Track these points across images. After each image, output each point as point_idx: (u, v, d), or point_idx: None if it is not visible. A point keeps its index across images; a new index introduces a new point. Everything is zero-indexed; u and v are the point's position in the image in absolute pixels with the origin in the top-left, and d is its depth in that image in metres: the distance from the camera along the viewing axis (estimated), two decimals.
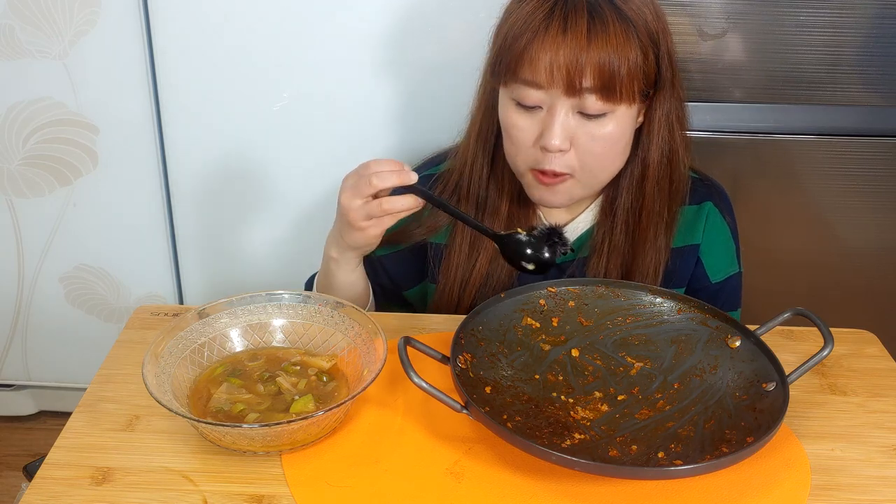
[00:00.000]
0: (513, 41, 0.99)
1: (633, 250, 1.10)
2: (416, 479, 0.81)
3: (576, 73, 0.95)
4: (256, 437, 0.81)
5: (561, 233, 1.10)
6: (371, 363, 0.87)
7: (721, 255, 1.16)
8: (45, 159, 1.56)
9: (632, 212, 1.09)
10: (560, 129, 0.98)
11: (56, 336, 1.76)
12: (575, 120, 0.99)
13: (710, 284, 1.15)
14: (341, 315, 0.94)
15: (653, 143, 1.06)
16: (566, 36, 0.95)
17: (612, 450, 0.82)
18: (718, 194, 1.16)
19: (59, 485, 0.80)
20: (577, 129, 0.99)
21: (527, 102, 1.00)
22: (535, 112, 1.00)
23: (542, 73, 0.97)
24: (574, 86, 0.96)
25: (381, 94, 1.48)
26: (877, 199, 1.55)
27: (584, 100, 0.97)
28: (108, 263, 1.67)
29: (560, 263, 1.13)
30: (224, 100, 1.49)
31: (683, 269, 1.14)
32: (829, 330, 0.89)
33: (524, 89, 0.99)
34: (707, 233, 1.14)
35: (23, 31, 1.45)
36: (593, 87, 0.96)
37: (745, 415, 0.85)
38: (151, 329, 1.03)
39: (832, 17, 1.41)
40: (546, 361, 0.94)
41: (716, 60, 1.45)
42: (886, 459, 0.86)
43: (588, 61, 0.95)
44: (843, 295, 1.63)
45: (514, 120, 1.02)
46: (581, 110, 0.99)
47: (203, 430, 0.83)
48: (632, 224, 1.09)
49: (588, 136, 1.00)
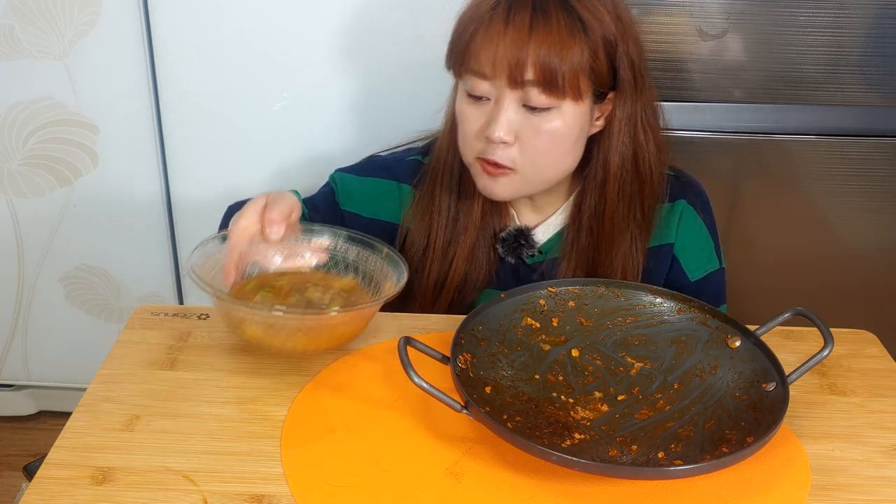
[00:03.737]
0: (462, 32, 1.01)
1: (597, 254, 1.10)
2: (416, 479, 0.81)
3: (517, 65, 0.96)
4: (302, 326, 0.86)
5: (528, 235, 1.11)
6: (391, 287, 0.93)
7: (698, 253, 1.15)
8: (45, 159, 1.56)
9: (595, 215, 1.09)
10: (504, 120, 0.99)
11: (56, 336, 1.76)
12: (521, 114, 1.00)
13: (689, 283, 1.15)
14: (365, 249, 0.99)
15: (612, 146, 1.06)
16: (507, 28, 0.96)
17: (612, 450, 0.82)
18: (693, 191, 1.16)
19: (59, 485, 0.80)
20: (522, 122, 1.00)
21: (475, 92, 1.01)
22: (484, 103, 1.02)
23: (486, 64, 0.98)
24: (516, 78, 0.97)
25: (381, 93, 1.48)
26: (877, 199, 1.55)
27: (527, 92, 0.98)
28: (108, 263, 1.67)
29: (531, 264, 1.14)
30: (224, 100, 1.49)
31: (658, 268, 1.14)
32: (829, 330, 0.89)
33: (473, 80, 1.01)
34: (681, 231, 1.14)
35: (23, 31, 1.45)
36: (535, 81, 0.97)
37: (745, 415, 0.85)
38: (151, 329, 1.03)
39: (832, 17, 1.41)
40: (546, 361, 0.94)
41: (716, 60, 1.45)
42: (886, 459, 0.86)
43: (529, 54, 0.96)
44: (843, 295, 1.63)
45: (464, 110, 1.04)
46: (526, 103, 0.99)
47: (251, 323, 0.86)
48: (595, 228, 1.10)
49: (533, 130, 1.00)
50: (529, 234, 1.12)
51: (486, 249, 1.13)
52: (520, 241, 1.12)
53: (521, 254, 1.12)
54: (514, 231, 1.12)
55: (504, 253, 1.12)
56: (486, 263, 1.13)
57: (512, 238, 1.12)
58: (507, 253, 1.12)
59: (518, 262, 1.14)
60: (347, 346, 0.97)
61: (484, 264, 1.13)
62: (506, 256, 1.13)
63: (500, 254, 1.13)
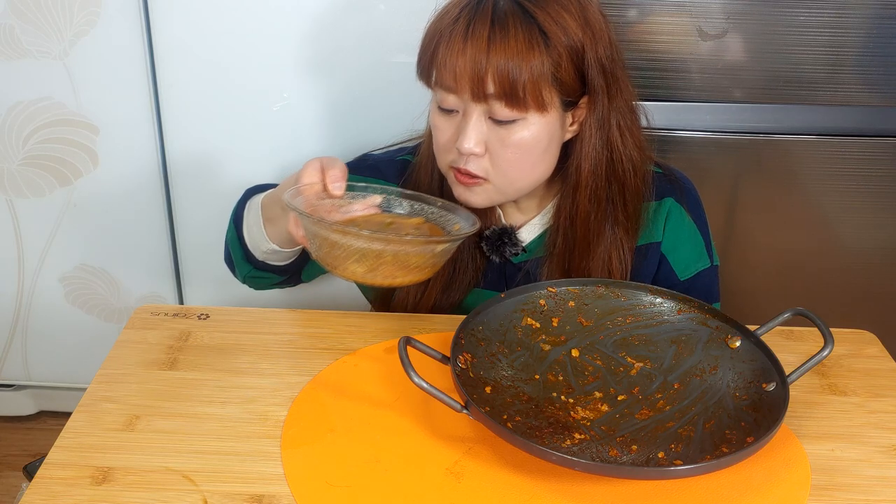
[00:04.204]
0: (426, 45, 1.01)
1: (573, 256, 1.10)
2: (416, 479, 0.81)
3: (478, 80, 0.96)
4: (386, 249, 0.85)
5: (512, 234, 1.11)
6: (461, 228, 0.94)
7: (687, 252, 1.15)
8: (45, 159, 1.56)
9: (570, 219, 1.09)
10: (472, 132, 0.99)
11: (56, 336, 1.76)
12: (488, 125, 1.00)
13: (678, 282, 1.14)
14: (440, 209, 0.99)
15: (584, 152, 1.06)
16: (467, 44, 0.96)
17: (612, 450, 0.82)
18: (681, 189, 1.15)
19: (59, 485, 0.80)
20: (490, 134, 1.00)
21: (444, 105, 1.01)
22: (454, 115, 1.02)
23: (450, 79, 0.98)
24: (478, 92, 0.97)
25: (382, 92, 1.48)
26: (877, 199, 1.55)
27: (491, 106, 0.98)
28: (108, 263, 1.67)
29: (516, 263, 1.14)
30: (224, 100, 1.49)
31: (646, 267, 1.13)
32: (829, 330, 0.89)
33: (441, 93, 1.01)
34: (669, 230, 1.13)
35: (23, 31, 1.45)
36: (496, 94, 0.96)
37: (745, 415, 0.85)
38: (151, 329, 1.03)
39: (832, 17, 1.41)
40: (546, 361, 0.94)
41: (716, 60, 1.45)
42: (886, 459, 0.86)
43: (488, 68, 0.95)
44: (843, 295, 1.63)
45: (436, 121, 1.04)
46: (491, 116, 0.99)
47: (338, 240, 0.86)
48: (570, 233, 1.09)
49: (500, 141, 1.00)
50: (513, 233, 1.12)
51: (471, 248, 1.13)
52: (503, 239, 1.12)
53: (504, 252, 1.12)
54: (499, 230, 1.12)
55: (488, 251, 1.12)
56: (472, 263, 1.13)
57: (496, 236, 1.12)
58: (491, 251, 1.12)
59: (504, 261, 1.14)
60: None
61: (469, 263, 1.13)
62: (490, 255, 1.13)
63: (484, 252, 1.13)
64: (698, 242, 1.15)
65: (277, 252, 1.08)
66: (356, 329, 1.05)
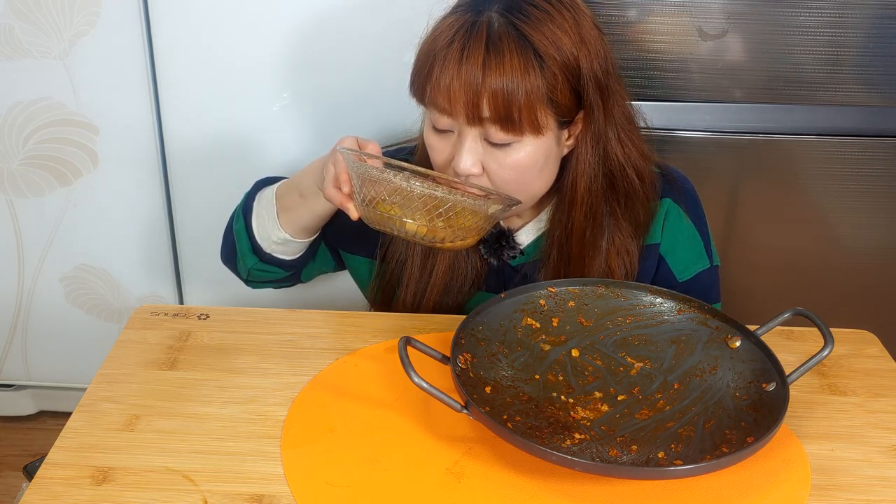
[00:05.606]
0: (420, 66, 1.00)
1: (569, 266, 1.09)
2: (416, 479, 0.81)
3: (473, 104, 0.95)
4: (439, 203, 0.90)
5: (510, 236, 1.11)
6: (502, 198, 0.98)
7: (686, 253, 1.14)
8: (45, 159, 1.56)
9: (564, 234, 1.08)
10: (468, 155, 0.99)
11: (56, 336, 1.76)
12: (484, 146, 0.99)
13: (677, 283, 1.13)
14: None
15: (580, 170, 1.05)
16: (461, 68, 0.95)
17: (612, 450, 0.82)
18: (679, 189, 1.14)
19: (59, 485, 0.80)
20: (486, 155, 0.99)
21: (439, 126, 1.00)
22: (449, 135, 1.01)
23: (444, 101, 0.97)
24: (472, 116, 0.96)
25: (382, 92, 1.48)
26: (877, 199, 1.55)
27: (486, 129, 0.97)
28: (108, 263, 1.67)
29: (514, 265, 1.13)
30: (224, 99, 1.49)
31: (644, 269, 1.13)
32: (829, 330, 0.89)
33: (435, 113, 1.00)
34: (667, 231, 1.13)
35: (23, 31, 1.45)
36: (491, 118, 0.96)
37: (745, 415, 0.85)
38: (151, 329, 1.03)
39: (832, 17, 1.41)
40: (546, 361, 0.94)
41: (716, 60, 1.45)
42: (886, 459, 0.86)
43: (483, 92, 0.95)
44: (843, 295, 1.63)
45: (431, 140, 1.03)
46: (487, 138, 0.98)
47: (402, 185, 0.90)
48: (565, 246, 1.09)
49: (496, 163, 0.99)
50: (511, 235, 1.12)
51: (469, 251, 1.13)
52: (501, 242, 1.11)
53: (502, 255, 1.12)
54: (496, 232, 1.11)
55: (486, 254, 1.12)
56: (471, 265, 1.13)
57: (493, 239, 1.11)
58: (489, 254, 1.12)
59: (502, 264, 1.13)
60: None
61: (467, 266, 1.13)
62: (488, 257, 1.12)
63: (482, 255, 1.13)
64: (697, 243, 1.14)
65: (288, 243, 1.07)
66: (356, 329, 1.05)
